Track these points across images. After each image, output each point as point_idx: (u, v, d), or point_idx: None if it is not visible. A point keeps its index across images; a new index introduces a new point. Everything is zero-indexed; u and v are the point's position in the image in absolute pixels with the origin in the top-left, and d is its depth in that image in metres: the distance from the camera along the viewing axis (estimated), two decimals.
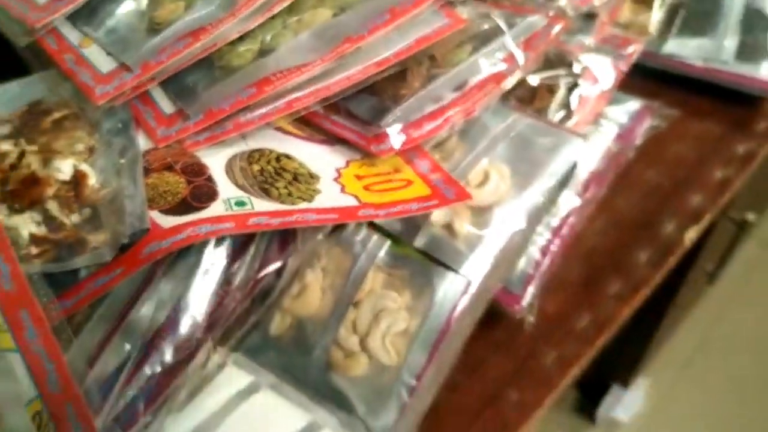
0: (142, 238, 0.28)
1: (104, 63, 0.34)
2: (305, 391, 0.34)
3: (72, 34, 0.36)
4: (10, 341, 0.26)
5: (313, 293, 0.36)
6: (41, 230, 0.29)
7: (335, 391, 0.34)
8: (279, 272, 0.34)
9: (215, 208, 0.30)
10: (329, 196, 0.32)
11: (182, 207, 0.30)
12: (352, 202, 0.32)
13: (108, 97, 0.32)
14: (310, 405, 0.35)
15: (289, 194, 0.32)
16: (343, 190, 0.33)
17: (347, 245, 0.36)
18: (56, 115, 0.34)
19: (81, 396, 0.24)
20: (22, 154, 0.32)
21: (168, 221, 0.29)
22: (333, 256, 0.36)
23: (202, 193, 0.31)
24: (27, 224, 0.29)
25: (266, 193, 0.32)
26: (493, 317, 0.38)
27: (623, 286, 0.44)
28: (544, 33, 0.41)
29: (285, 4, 0.34)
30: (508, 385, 0.39)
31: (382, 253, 0.36)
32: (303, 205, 0.31)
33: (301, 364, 0.35)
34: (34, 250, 0.28)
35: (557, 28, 0.41)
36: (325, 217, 0.31)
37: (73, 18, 0.36)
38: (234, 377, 0.34)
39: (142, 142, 0.34)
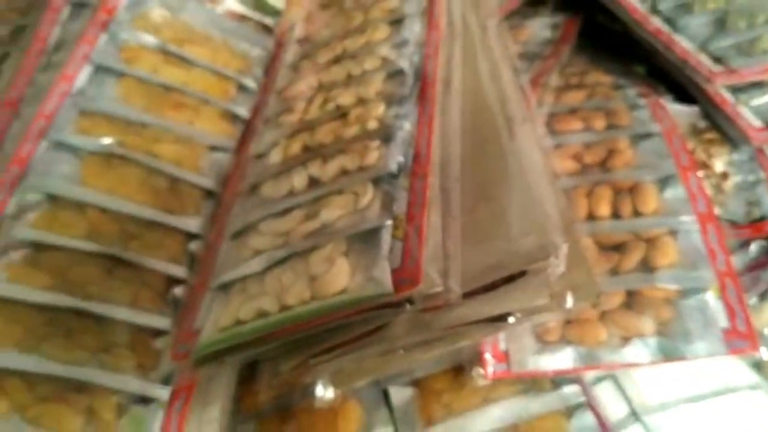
0: None
1: (753, 120, 0.56)
2: None
3: (729, 96, 0.59)
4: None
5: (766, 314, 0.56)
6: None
7: None
8: None
9: None
10: None
11: None
12: None
13: (761, 142, 0.55)
14: None
15: None
16: None
17: None
18: (708, 135, 0.58)
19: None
20: (695, 148, 0.55)
21: None
22: None
23: None
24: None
25: None
26: None
27: None
28: None
29: None
30: None
31: None
32: None
33: None
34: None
35: None
36: None
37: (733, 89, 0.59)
38: None
39: None
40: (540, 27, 0.69)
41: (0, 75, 0.63)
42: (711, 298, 0.44)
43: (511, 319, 0.38)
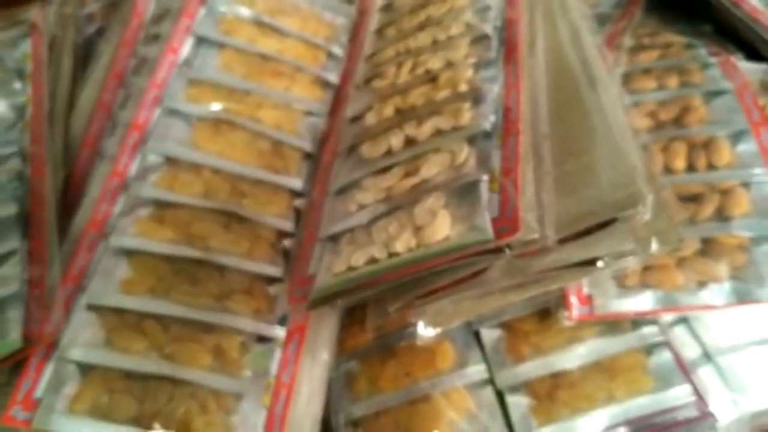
0: None
1: None
2: None
3: None
4: None
5: None
6: None
7: None
8: None
9: None
10: None
11: None
12: None
13: None
14: None
15: None
16: None
17: None
18: None
19: None
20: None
21: None
22: None
23: None
24: None
25: None
26: None
27: None
28: None
29: None
30: None
31: None
32: None
33: None
34: None
35: None
36: None
37: None
38: None
39: None
40: None
41: (99, 48, 0.68)
42: None
43: (600, 263, 0.42)
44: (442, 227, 0.42)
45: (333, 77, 0.61)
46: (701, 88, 0.56)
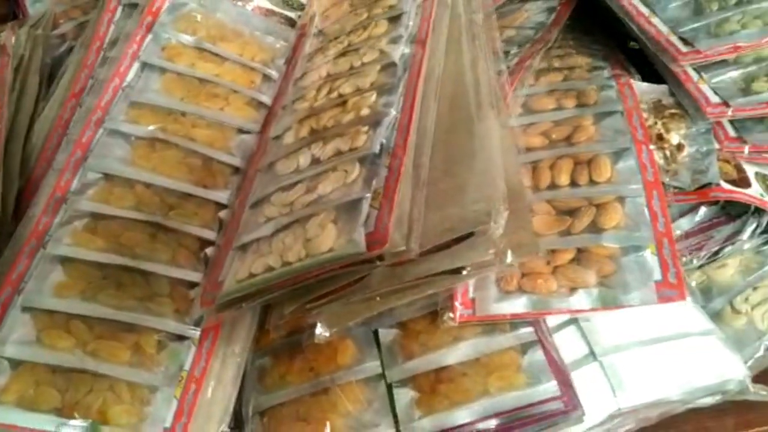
0: (712, 188, 0.58)
1: (711, 96, 0.64)
2: None
3: (694, 73, 0.66)
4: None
5: (730, 270, 0.63)
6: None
7: None
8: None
9: (753, 190, 0.58)
10: None
11: (735, 183, 0.59)
12: None
13: (716, 116, 0.62)
14: None
15: None
16: None
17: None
18: (671, 111, 0.65)
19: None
20: (656, 123, 0.63)
21: (726, 186, 0.58)
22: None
23: (744, 180, 0.60)
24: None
25: None
26: None
27: None
28: None
29: None
30: None
31: None
32: None
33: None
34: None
35: None
36: None
37: (699, 67, 0.66)
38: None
39: None
40: (536, 11, 0.77)
41: (64, 68, 0.75)
42: (648, 255, 0.52)
43: (464, 272, 0.48)
44: (328, 239, 0.48)
45: (266, 98, 0.67)
46: (594, 109, 0.61)
